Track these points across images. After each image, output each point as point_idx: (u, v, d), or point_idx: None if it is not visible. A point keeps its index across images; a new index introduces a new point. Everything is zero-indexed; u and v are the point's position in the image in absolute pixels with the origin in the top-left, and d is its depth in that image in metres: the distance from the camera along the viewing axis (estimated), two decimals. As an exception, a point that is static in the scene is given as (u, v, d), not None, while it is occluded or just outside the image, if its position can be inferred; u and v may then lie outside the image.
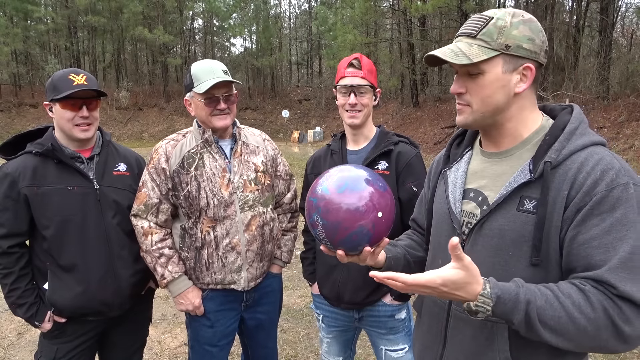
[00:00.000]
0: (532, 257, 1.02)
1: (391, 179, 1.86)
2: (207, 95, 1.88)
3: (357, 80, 1.85)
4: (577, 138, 1.04)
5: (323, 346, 2.13)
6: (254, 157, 2.07)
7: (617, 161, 1.00)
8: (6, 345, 3.54)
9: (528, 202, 1.04)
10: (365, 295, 1.91)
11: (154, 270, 1.98)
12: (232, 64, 34.36)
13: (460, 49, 1.08)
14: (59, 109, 1.85)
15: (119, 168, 2.03)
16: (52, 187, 1.84)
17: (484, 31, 1.07)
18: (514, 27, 1.06)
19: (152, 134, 27.09)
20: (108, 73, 34.60)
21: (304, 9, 42.23)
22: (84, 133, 1.89)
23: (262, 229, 2.03)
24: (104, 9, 29.70)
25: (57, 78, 1.86)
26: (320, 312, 2.09)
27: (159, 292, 4.43)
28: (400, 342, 1.97)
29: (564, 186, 1.00)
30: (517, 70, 1.06)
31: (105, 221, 1.92)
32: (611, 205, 0.95)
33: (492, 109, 1.10)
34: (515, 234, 1.05)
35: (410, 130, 19.70)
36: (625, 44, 17.62)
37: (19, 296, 1.85)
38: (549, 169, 1.01)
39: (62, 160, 1.86)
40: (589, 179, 0.97)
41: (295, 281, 4.86)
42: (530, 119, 1.12)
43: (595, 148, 1.03)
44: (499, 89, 1.07)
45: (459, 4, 16.46)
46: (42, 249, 1.87)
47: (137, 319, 2.15)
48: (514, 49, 1.05)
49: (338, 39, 21.80)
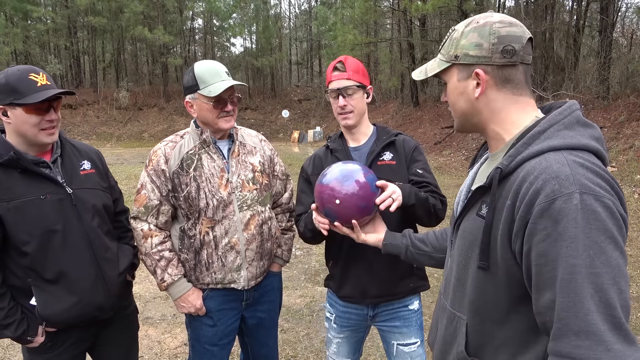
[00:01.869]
0: (479, 260, 1.04)
1: (399, 167, 1.90)
2: (215, 98, 1.88)
3: (343, 82, 1.87)
4: (537, 143, 0.98)
5: (332, 347, 2.10)
6: (251, 157, 2.07)
7: (569, 169, 0.90)
8: (6, 345, 3.53)
9: (484, 207, 1.06)
10: (390, 288, 1.92)
11: (153, 273, 1.98)
12: (232, 64, 34.37)
13: (427, 65, 1.20)
14: (21, 114, 1.65)
15: (84, 166, 1.88)
16: (24, 199, 1.67)
17: (444, 45, 1.15)
18: (464, 36, 1.10)
19: (152, 134, 27.08)
20: (108, 73, 34.59)
21: (304, 9, 42.29)
22: (51, 137, 1.73)
23: (260, 228, 2.03)
24: (104, 9, 29.67)
25: (16, 79, 1.64)
26: (333, 312, 2.07)
27: (159, 292, 4.44)
28: (413, 335, 1.97)
29: (509, 196, 0.97)
30: (472, 76, 1.09)
31: (85, 225, 1.80)
32: (554, 219, 0.87)
33: (460, 114, 1.16)
34: (472, 237, 1.09)
35: (410, 130, 19.70)
36: (625, 44, 17.61)
37: (5, 316, 1.68)
38: (497, 176, 1.00)
39: (27, 169, 1.68)
40: (531, 190, 0.91)
41: (295, 281, 4.86)
42: (510, 122, 1.10)
43: (550, 155, 0.94)
44: (458, 96, 1.14)
45: (459, 4, 16.46)
46: (20, 265, 1.71)
47: (124, 314, 2.06)
48: (462, 58, 1.10)
49: (338, 39, 21.80)
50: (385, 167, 1.88)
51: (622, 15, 19.82)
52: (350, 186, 1.57)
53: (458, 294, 1.15)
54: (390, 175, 1.84)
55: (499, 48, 1.06)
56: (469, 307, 1.11)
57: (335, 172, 1.63)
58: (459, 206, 1.24)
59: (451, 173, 12.84)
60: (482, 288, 1.06)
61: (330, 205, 1.60)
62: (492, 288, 1.03)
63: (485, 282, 1.05)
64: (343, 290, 1.97)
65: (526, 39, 1.07)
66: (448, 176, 12.38)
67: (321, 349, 3.46)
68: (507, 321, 1.02)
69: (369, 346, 3.43)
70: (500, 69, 1.07)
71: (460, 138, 16.11)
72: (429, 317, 3.81)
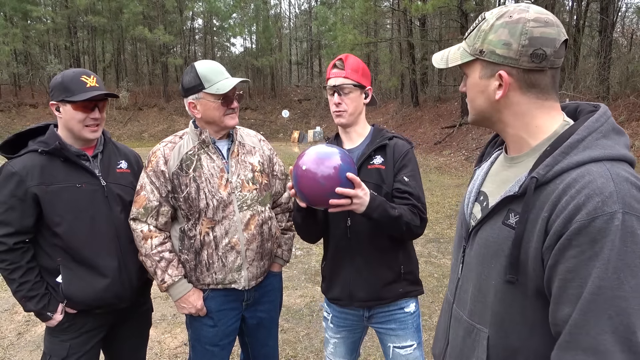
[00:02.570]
0: (507, 273, 0.98)
1: (387, 172, 1.86)
2: (224, 95, 1.89)
3: (339, 80, 1.86)
4: (576, 153, 0.92)
5: (329, 347, 2.11)
6: (251, 157, 2.08)
7: (613, 184, 0.85)
8: (6, 345, 3.53)
9: (512, 216, 0.99)
10: (377, 291, 1.89)
11: (153, 274, 1.98)
12: (232, 64, 34.40)
13: (449, 52, 1.10)
14: (70, 110, 1.87)
15: (121, 165, 2.08)
16: (61, 185, 1.87)
17: (471, 34, 1.06)
18: (493, 30, 1.01)
19: (152, 134, 27.09)
20: (108, 73, 34.59)
21: (304, 9, 42.29)
22: (93, 134, 1.94)
23: (261, 228, 2.03)
24: (104, 9, 29.71)
25: (69, 79, 1.88)
26: (330, 312, 2.07)
27: (159, 292, 4.43)
28: (409, 338, 1.96)
29: (545, 207, 0.91)
30: (495, 76, 1.02)
31: (114, 216, 1.97)
32: (592, 238, 0.83)
33: (478, 112, 1.09)
34: (497, 247, 1.01)
35: (410, 130, 19.70)
36: (625, 44, 17.61)
37: (30, 289, 1.86)
38: (532, 185, 0.94)
39: (69, 159, 1.90)
40: (571, 204, 0.86)
41: (295, 281, 4.86)
42: (535, 127, 1.03)
43: (592, 166, 0.89)
44: (478, 93, 1.06)
45: (459, 4, 16.46)
46: (52, 245, 1.89)
47: (141, 310, 2.20)
48: (487, 55, 1.01)
49: (338, 39, 21.79)
50: (374, 171, 1.85)
51: (622, 15, 19.83)
52: (321, 161, 1.55)
53: (478, 305, 1.08)
54: (378, 179, 1.82)
55: (529, 51, 0.97)
56: (492, 319, 1.04)
57: (312, 149, 1.62)
58: (470, 209, 1.18)
59: (451, 173, 12.84)
60: (509, 301, 0.99)
61: (297, 171, 1.57)
62: (520, 301, 0.97)
63: (512, 295, 0.99)
64: (331, 292, 1.98)
65: (560, 41, 0.98)
66: (448, 176, 12.38)
67: (321, 349, 3.46)
68: (533, 335, 0.97)
69: (369, 346, 3.43)
70: (526, 73, 1.00)
71: (460, 138, 16.11)
72: (429, 317, 3.82)
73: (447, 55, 1.11)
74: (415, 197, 1.80)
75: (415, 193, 1.81)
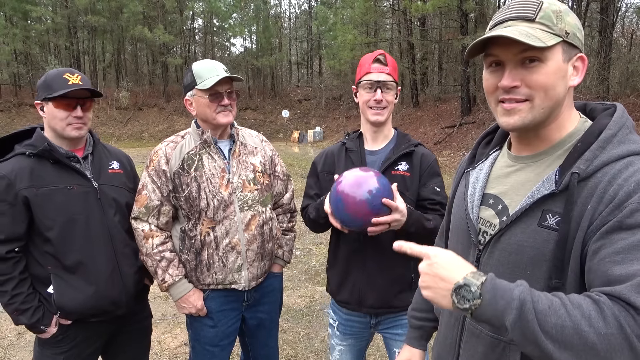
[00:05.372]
0: (552, 278, 0.92)
1: (412, 180, 1.84)
2: (211, 91, 1.89)
3: (383, 76, 1.81)
4: (613, 147, 0.92)
5: (335, 354, 2.09)
6: (252, 157, 2.07)
7: None
8: (6, 345, 3.53)
9: (551, 217, 0.93)
10: (388, 300, 1.87)
11: (154, 274, 1.98)
12: (232, 64, 34.35)
13: (531, 31, 0.93)
14: (51, 108, 1.81)
15: (113, 166, 2.02)
16: (52, 188, 1.80)
17: (542, 14, 0.95)
18: (566, 13, 0.96)
19: (152, 134, 27.08)
20: (108, 73, 34.59)
21: (304, 9, 42.28)
22: (77, 131, 1.85)
23: (261, 228, 2.03)
24: (104, 9, 29.67)
25: (51, 77, 1.82)
26: (337, 319, 2.04)
27: (159, 292, 4.43)
28: None
29: (591, 201, 0.89)
30: (572, 60, 0.97)
31: (107, 219, 1.91)
32: None
33: (553, 103, 0.97)
34: (535, 252, 0.95)
35: (410, 130, 19.69)
36: (625, 44, 17.61)
37: (23, 301, 1.77)
38: (575, 181, 0.90)
39: (59, 160, 1.83)
40: (621, 192, 0.86)
41: (295, 281, 4.86)
42: (568, 119, 1.01)
43: (634, 158, 0.90)
44: (559, 79, 0.95)
45: (459, 4, 16.45)
46: (42, 252, 1.81)
47: (139, 318, 2.14)
48: (571, 37, 0.95)
49: (338, 39, 21.80)
50: (398, 178, 1.81)
51: (622, 15, 19.81)
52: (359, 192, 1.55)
53: None
54: (402, 187, 1.77)
55: (583, 41, 0.97)
56: None
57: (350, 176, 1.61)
58: (477, 213, 1.11)
59: (451, 173, 12.83)
60: None
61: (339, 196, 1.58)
62: None
63: None
64: (340, 294, 1.96)
65: None
66: (448, 176, 12.37)
67: (321, 349, 3.46)
68: None
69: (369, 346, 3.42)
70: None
71: (460, 138, 16.10)
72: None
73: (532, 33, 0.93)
74: (443, 206, 1.81)
75: (444, 202, 1.81)
